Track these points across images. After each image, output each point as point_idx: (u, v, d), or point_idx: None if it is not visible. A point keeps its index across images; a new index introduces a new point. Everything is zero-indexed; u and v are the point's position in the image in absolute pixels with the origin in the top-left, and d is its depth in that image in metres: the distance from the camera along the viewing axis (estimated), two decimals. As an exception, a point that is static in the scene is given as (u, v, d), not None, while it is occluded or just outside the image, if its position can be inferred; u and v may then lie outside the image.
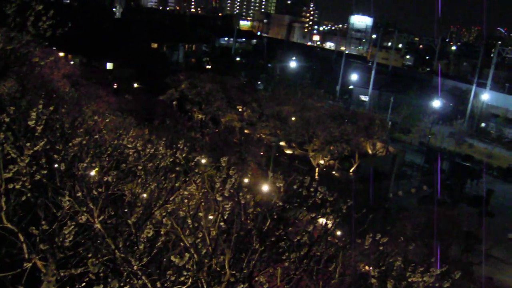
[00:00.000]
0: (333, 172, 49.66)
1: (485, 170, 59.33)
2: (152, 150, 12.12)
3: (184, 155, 13.85)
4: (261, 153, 45.58)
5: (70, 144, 9.93)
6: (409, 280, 10.40)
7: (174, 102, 61.78)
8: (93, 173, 10.20)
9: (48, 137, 9.96)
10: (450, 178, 54.24)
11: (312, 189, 12.42)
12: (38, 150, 9.36)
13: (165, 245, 10.14)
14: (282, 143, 54.34)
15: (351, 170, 49.68)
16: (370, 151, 54.14)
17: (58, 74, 37.60)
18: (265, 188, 38.30)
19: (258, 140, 50.67)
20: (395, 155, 50.80)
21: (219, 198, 10.80)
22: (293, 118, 55.93)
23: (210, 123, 53.62)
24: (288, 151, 53.21)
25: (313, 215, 33.91)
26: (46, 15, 14.79)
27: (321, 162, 48.41)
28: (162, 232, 9.88)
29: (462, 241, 28.76)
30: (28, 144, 9.11)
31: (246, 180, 39.15)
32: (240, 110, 60.04)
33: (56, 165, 9.68)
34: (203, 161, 39.84)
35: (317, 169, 47.85)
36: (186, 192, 11.77)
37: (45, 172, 9.39)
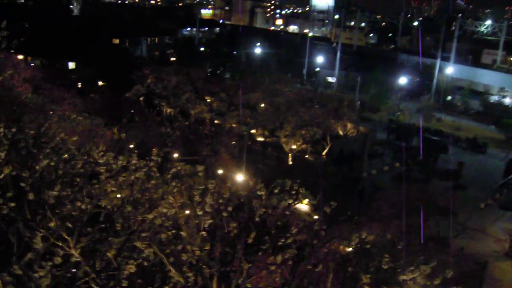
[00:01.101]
0: (306, 156, 49.74)
1: (454, 142, 60.51)
2: (124, 162, 11.68)
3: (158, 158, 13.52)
4: (233, 143, 45.31)
5: (38, 167, 9.35)
6: (400, 278, 10.42)
7: (141, 98, 60.73)
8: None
9: (13, 163, 9.44)
10: (420, 154, 55.09)
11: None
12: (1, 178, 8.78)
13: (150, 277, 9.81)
14: (253, 131, 54.14)
15: (323, 153, 49.84)
16: (341, 133, 54.39)
17: (19, 80, 36.42)
18: (240, 178, 38.22)
19: (229, 130, 50.33)
20: (366, 134, 51.18)
21: (200, 213, 10.56)
22: (262, 105, 55.82)
23: (180, 116, 52.91)
24: (260, 139, 53.07)
25: (290, 201, 33.61)
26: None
27: (294, 147, 48.43)
28: (145, 264, 9.50)
29: (438, 216, 29.20)
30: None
31: (220, 171, 38.91)
32: (208, 101, 59.49)
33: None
34: (175, 155, 39.39)
35: (290, 154, 47.86)
36: (165, 210, 11.35)
37: (13, 204, 8.76)
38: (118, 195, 10.26)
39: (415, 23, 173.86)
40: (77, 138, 26.57)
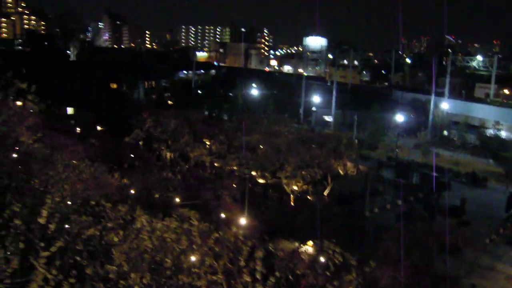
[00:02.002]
0: (308, 197, 49.56)
1: (454, 177, 60.59)
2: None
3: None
4: (234, 185, 45.19)
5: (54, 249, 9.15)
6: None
7: (140, 142, 61.00)
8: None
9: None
10: (420, 190, 55.06)
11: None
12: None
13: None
14: (253, 173, 54.10)
15: (325, 193, 49.74)
16: (341, 172, 54.43)
17: (21, 128, 36.53)
18: (243, 221, 38.01)
19: (229, 172, 50.35)
20: (368, 173, 51.23)
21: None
22: (262, 147, 55.99)
23: (180, 160, 52.98)
24: (261, 181, 52.96)
25: (296, 244, 33.46)
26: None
27: (295, 188, 48.34)
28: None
29: (445, 255, 28.96)
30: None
31: (223, 215, 38.71)
32: (207, 143, 59.74)
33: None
34: (177, 199, 39.22)
35: (291, 195, 47.73)
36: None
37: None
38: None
39: (407, 60, 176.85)
40: (82, 186, 26.61)
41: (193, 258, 14.01)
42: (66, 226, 9.38)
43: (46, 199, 9.75)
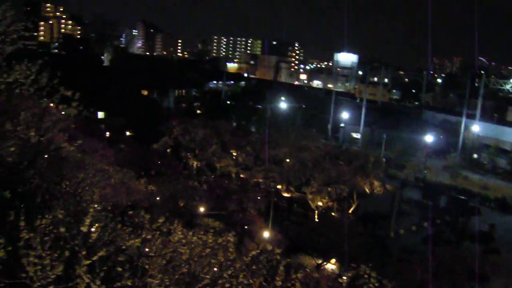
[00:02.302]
0: (333, 214, 49.20)
1: (482, 202, 59.30)
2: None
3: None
4: (258, 198, 45.09)
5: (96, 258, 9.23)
6: None
7: (168, 150, 61.64)
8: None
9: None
10: (448, 213, 54.06)
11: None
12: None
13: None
14: (279, 186, 54.04)
15: (350, 211, 49.29)
16: (367, 190, 53.93)
17: (54, 130, 37.28)
18: (266, 234, 37.96)
19: (255, 185, 50.38)
20: (394, 193, 50.60)
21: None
22: (288, 160, 55.93)
23: (206, 169, 53.29)
24: (286, 194, 52.85)
25: (319, 262, 33.26)
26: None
27: (320, 204, 48.07)
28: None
29: (473, 283, 28.30)
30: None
31: (246, 227, 38.73)
32: (234, 154, 59.94)
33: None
34: (202, 209, 39.37)
35: (316, 211, 47.44)
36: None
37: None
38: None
39: (439, 80, 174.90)
40: (111, 191, 26.95)
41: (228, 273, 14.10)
42: (107, 234, 9.52)
43: (89, 209, 9.96)
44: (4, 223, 8.17)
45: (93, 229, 8.84)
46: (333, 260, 36.48)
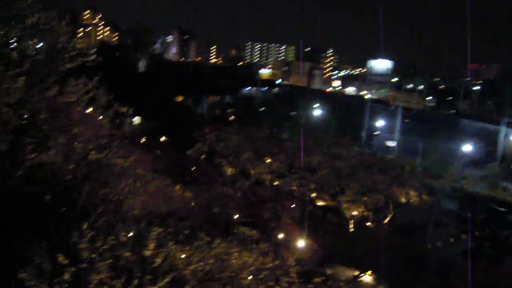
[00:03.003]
0: (368, 224, 48.60)
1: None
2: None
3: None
4: (292, 206, 44.83)
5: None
6: None
7: (202, 156, 62.00)
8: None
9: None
10: (487, 225, 52.71)
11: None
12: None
13: None
14: (313, 195, 53.66)
15: (385, 221, 48.56)
16: (403, 200, 53.07)
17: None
18: (301, 244, 37.67)
19: (289, 192, 50.12)
20: (432, 204, 49.61)
21: None
22: (321, 168, 55.35)
23: (241, 176, 53.34)
24: (320, 203, 52.45)
25: (356, 273, 32.88)
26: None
27: (355, 213, 47.54)
28: None
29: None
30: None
31: (280, 236, 38.48)
32: (268, 161, 59.78)
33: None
34: (236, 216, 39.38)
35: (351, 221, 46.91)
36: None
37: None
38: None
39: (477, 87, 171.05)
40: (150, 199, 27.15)
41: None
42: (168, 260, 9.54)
43: (151, 232, 10.03)
44: (68, 244, 8.24)
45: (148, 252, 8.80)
46: (368, 272, 35.95)
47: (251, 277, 18.66)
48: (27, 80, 12.56)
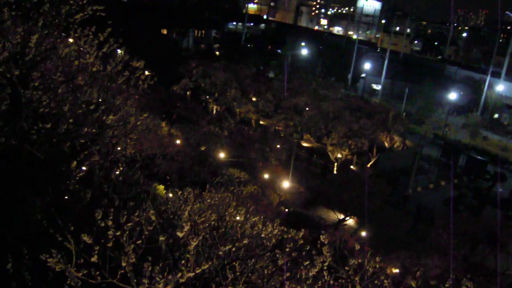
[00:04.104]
0: (351, 167, 49.11)
1: (503, 166, 58.63)
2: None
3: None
4: (278, 146, 44.83)
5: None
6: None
7: (188, 92, 61.02)
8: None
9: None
10: (466, 173, 53.77)
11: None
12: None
13: None
14: (296, 135, 53.68)
15: (368, 165, 49.10)
16: (387, 145, 53.53)
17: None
18: (286, 185, 37.95)
19: (274, 132, 50.02)
20: (416, 151, 50.09)
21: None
22: (309, 111, 55.18)
23: (227, 115, 52.84)
24: (306, 144, 52.61)
25: (340, 217, 33.23)
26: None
27: (339, 156, 47.86)
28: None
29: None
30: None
31: (266, 176, 38.60)
32: (254, 100, 59.22)
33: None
34: (222, 155, 39.23)
35: (335, 163, 47.29)
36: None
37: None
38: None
39: (464, 34, 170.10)
40: (136, 137, 26.61)
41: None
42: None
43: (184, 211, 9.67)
44: (93, 222, 7.74)
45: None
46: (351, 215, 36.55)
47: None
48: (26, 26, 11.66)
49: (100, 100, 13.70)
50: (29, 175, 10.63)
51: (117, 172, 17.42)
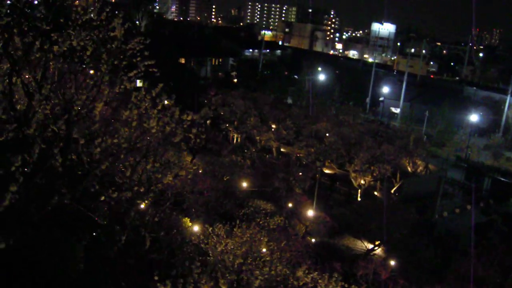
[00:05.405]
0: (375, 193, 48.68)
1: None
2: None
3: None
4: (300, 174, 44.62)
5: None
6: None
7: (208, 121, 61.41)
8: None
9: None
10: (492, 196, 52.86)
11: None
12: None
13: None
14: (318, 163, 53.48)
15: (392, 190, 48.65)
16: (410, 170, 53.07)
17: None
18: (311, 213, 37.67)
19: (296, 160, 49.92)
20: (440, 175, 49.53)
21: None
22: (329, 137, 55.04)
23: (248, 143, 52.99)
24: (328, 171, 52.37)
25: (368, 246, 32.91)
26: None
27: (362, 182, 47.47)
28: None
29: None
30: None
31: (290, 205, 38.39)
32: (274, 127, 59.36)
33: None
34: (244, 184, 39.18)
35: (359, 190, 46.89)
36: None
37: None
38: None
39: (480, 54, 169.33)
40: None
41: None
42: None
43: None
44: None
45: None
46: (377, 242, 36.09)
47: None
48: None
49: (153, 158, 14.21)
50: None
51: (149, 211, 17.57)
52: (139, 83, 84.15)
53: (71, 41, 12.59)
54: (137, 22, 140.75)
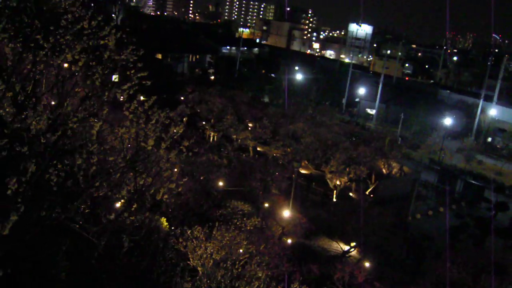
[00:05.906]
0: (351, 194, 48.99)
1: (495, 189, 58.75)
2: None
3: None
4: (277, 174, 44.56)
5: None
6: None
7: (184, 119, 60.83)
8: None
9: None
10: (464, 199, 53.81)
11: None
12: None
13: None
14: (296, 164, 53.48)
15: (367, 192, 49.01)
16: (385, 171, 53.55)
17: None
18: (287, 214, 37.63)
19: (273, 160, 49.86)
20: (415, 178, 50.15)
21: None
22: (306, 137, 55.11)
23: (225, 142, 52.72)
24: (304, 171, 52.45)
25: (345, 248, 33.10)
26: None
27: (338, 183, 47.69)
28: None
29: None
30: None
31: (266, 205, 38.30)
32: (250, 125, 59.18)
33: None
34: (220, 183, 38.87)
35: (334, 191, 47.11)
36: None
37: None
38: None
39: (454, 58, 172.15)
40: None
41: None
42: None
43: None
44: None
45: None
46: (352, 243, 36.28)
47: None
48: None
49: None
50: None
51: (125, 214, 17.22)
52: (114, 78, 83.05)
53: (65, 55, 12.20)
54: (113, 15, 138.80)
